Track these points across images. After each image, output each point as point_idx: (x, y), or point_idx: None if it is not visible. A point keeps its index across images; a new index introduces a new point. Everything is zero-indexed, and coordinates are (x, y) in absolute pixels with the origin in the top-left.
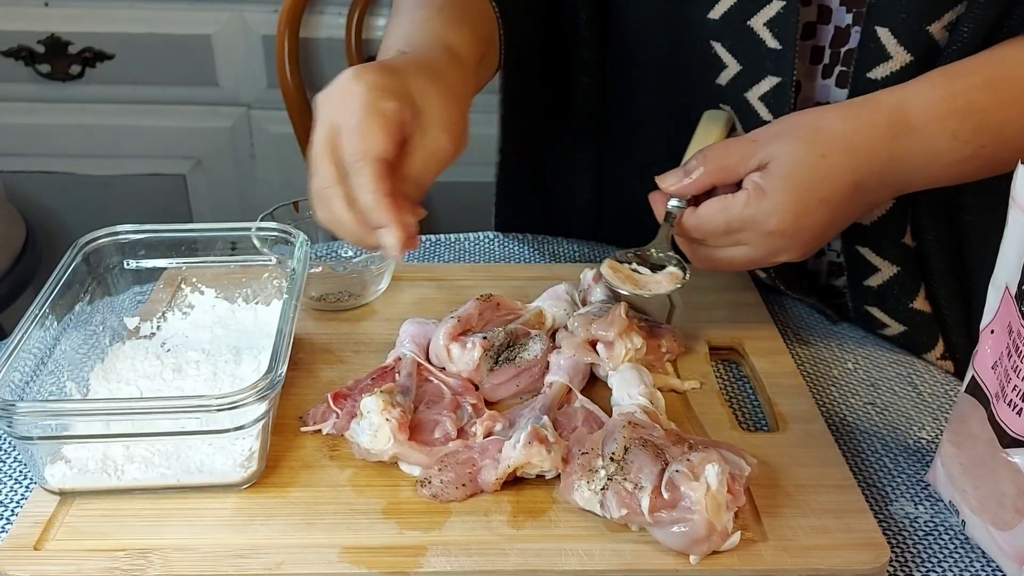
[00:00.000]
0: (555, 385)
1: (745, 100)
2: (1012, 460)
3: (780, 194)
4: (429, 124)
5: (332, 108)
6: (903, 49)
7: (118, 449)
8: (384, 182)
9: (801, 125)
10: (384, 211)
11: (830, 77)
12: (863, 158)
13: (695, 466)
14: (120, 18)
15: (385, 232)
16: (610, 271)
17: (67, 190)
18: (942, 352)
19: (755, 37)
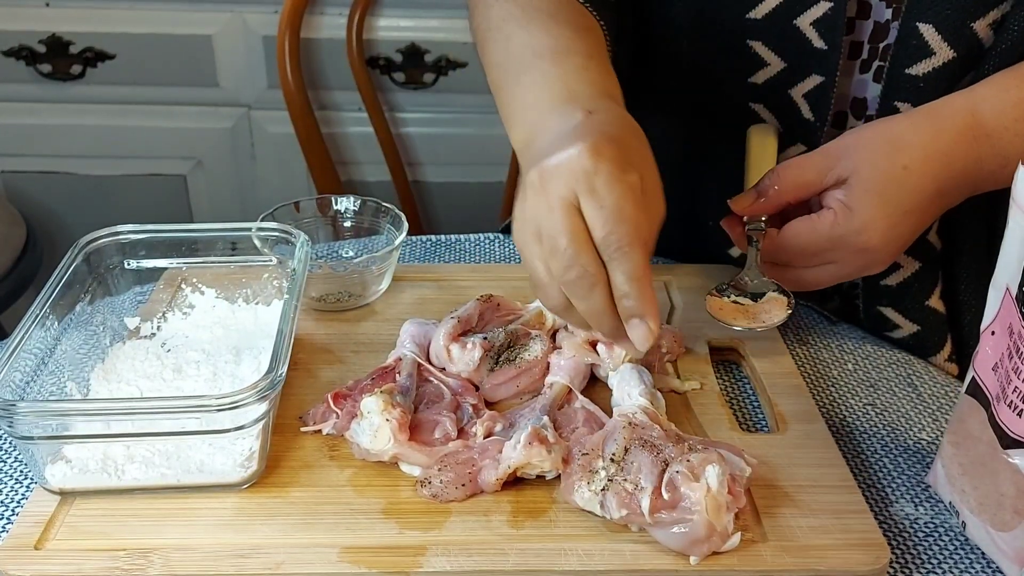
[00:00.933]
0: (555, 386)
1: (788, 97)
2: (1012, 461)
3: (868, 211)
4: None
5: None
6: (947, 45)
7: (118, 449)
8: (649, 269)
9: (877, 137)
10: (647, 301)
11: (868, 72)
12: (943, 166)
13: (695, 467)
14: (121, 18)
15: (640, 324)
16: (717, 309)
17: (67, 190)
18: (949, 354)
19: (801, 36)
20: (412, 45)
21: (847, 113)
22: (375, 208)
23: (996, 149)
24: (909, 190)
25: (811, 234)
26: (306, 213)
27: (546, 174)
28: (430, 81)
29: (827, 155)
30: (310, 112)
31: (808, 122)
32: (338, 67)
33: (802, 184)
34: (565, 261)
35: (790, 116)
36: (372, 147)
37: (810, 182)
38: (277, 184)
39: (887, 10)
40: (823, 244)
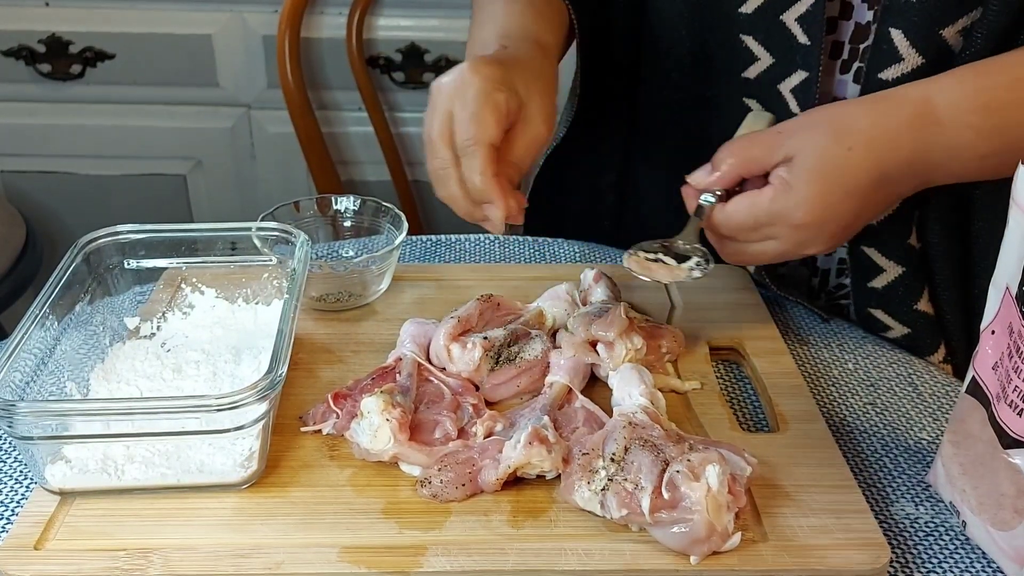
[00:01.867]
0: (555, 385)
1: (777, 92)
2: (1013, 461)
3: (806, 187)
4: (531, 115)
5: (449, 96)
6: (915, 51)
7: (118, 449)
8: (492, 164)
9: (826, 119)
10: (492, 190)
11: (848, 73)
12: (887, 151)
13: (695, 466)
14: (121, 18)
15: (490, 208)
16: (634, 261)
17: (67, 190)
18: (944, 355)
19: (787, 32)
20: (412, 45)
21: None
22: (375, 208)
23: (946, 138)
24: (851, 171)
25: (751, 208)
26: (306, 213)
27: (435, 86)
28: (430, 81)
29: (777, 133)
30: (310, 112)
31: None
32: (338, 67)
33: (751, 159)
34: (430, 153)
35: (779, 111)
36: (372, 147)
37: (758, 157)
38: (277, 184)
39: (868, 12)
40: (762, 219)
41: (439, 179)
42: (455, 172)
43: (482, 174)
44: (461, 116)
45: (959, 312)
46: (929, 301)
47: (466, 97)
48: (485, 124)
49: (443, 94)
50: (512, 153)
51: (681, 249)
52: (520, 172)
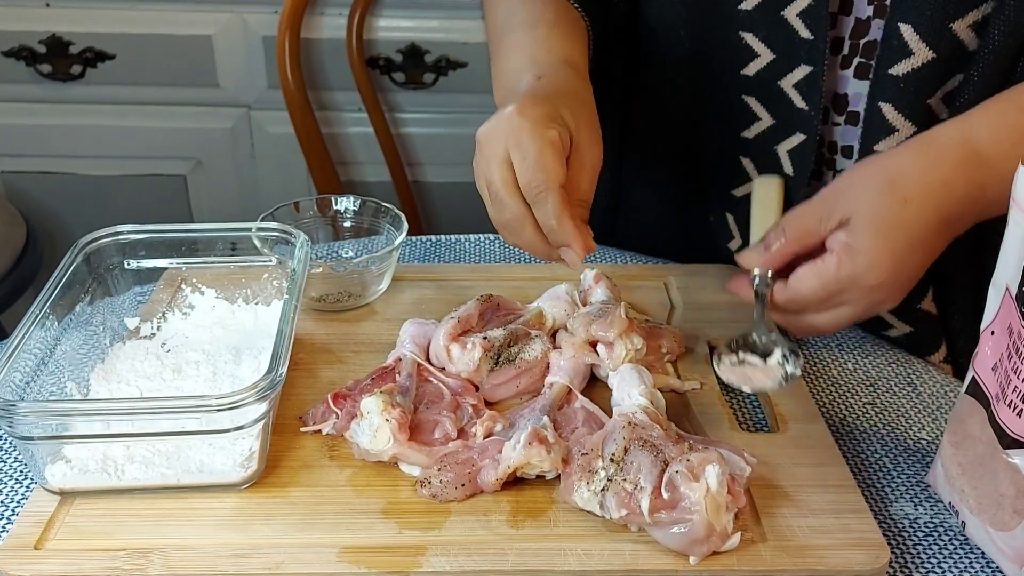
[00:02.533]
0: (555, 386)
1: (778, 88)
2: (1012, 461)
3: (873, 249)
4: (583, 144)
5: (503, 144)
6: (925, 46)
7: (118, 449)
8: (567, 207)
9: (872, 174)
10: (569, 234)
11: (849, 68)
12: (943, 195)
13: (695, 467)
14: (121, 18)
15: (568, 251)
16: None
17: (67, 190)
18: (944, 355)
19: (789, 27)
20: (412, 45)
21: (830, 108)
22: (375, 208)
23: (998, 174)
24: (911, 223)
25: (819, 278)
26: (306, 213)
27: (484, 134)
28: (430, 81)
29: (825, 199)
30: (310, 112)
31: (802, 111)
32: (338, 67)
33: (805, 232)
34: (498, 206)
35: (782, 107)
36: (372, 147)
37: (812, 229)
38: (277, 184)
39: (868, 7)
40: (832, 287)
41: (512, 230)
42: (530, 221)
43: (558, 219)
44: (522, 163)
45: (969, 316)
46: (933, 301)
47: (521, 142)
48: (550, 167)
49: (495, 141)
50: (578, 189)
51: (762, 345)
52: (587, 206)
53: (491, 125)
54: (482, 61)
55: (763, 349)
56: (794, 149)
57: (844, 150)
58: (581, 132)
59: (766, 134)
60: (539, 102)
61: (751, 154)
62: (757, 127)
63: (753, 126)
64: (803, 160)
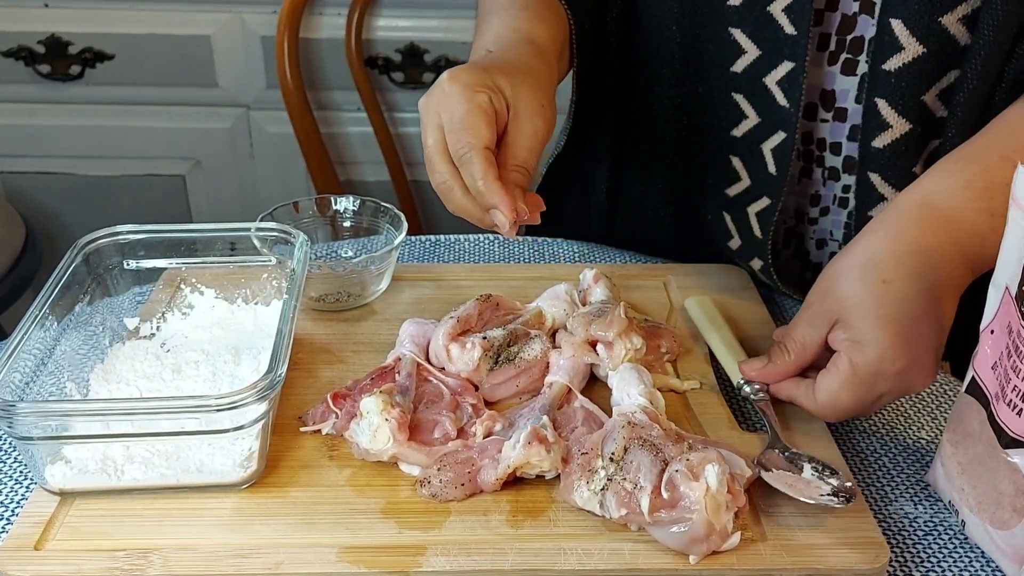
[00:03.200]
0: (555, 385)
1: (763, 85)
2: (1012, 460)
3: (876, 336)
4: (522, 112)
5: (435, 110)
6: (915, 40)
7: (118, 449)
8: (491, 167)
9: (847, 268)
10: (494, 194)
11: (836, 64)
12: (920, 264)
13: (695, 466)
14: (120, 19)
15: (496, 212)
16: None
17: (67, 190)
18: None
19: (774, 23)
20: (411, 45)
21: (817, 105)
22: (374, 208)
23: (966, 229)
24: (903, 299)
25: (843, 386)
26: (305, 213)
27: (423, 102)
28: (429, 81)
29: (810, 306)
30: (309, 112)
31: (783, 109)
32: (337, 67)
33: (804, 344)
34: (430, 169)
35: (766, 104)
36: (371, 147)
37: (810, 339)
38: (276, 184)
39: (854, 3)
40: (858, 390)
41: (444, 194)
42: (458, 183)
43: (483, 179)
44: (450, 126)
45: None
46: None
47: (451, 107)
48: (474, 128)
49: (430, 109)
50: (514, 155)
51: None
52: (527, 171)
53: (428, 93)
54: None
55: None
56: (776, 147)
57: (832, 147)
58: (520, 99)
59: (752, 132)
60: (473, 69)
61: (740, 153)
62: (744, 125)
63: (741, 124)
64: (783, 158)
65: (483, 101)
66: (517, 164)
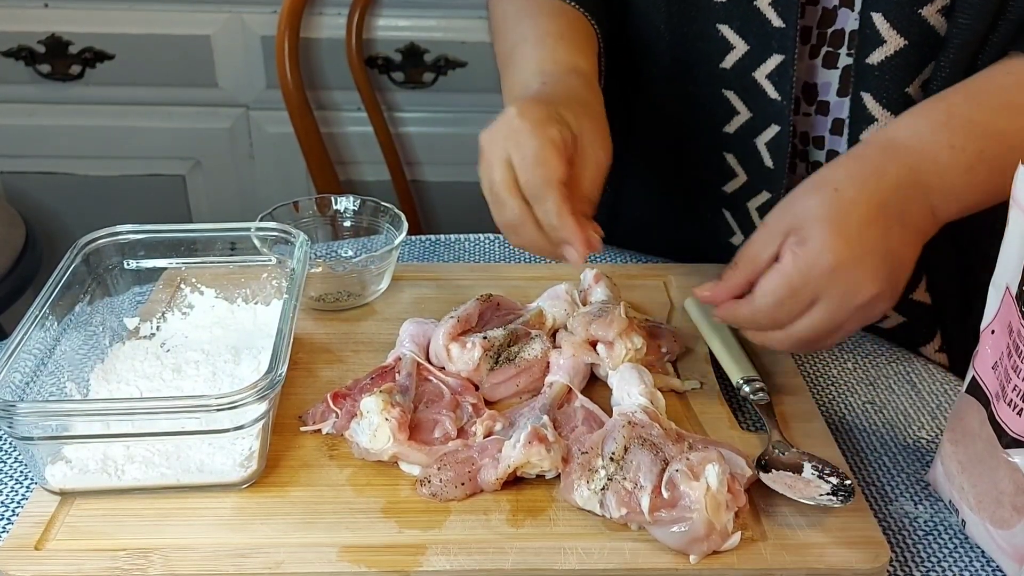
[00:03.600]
0: (555, 385)
1: (753, 80)
2: (1012, 460)
3: (820, 233)
4: (587, 145)
5: (503, 145)
6: (896, 33)
7: (118, 449)
8: (567, 203)
9: (803, 186)
10: (569, 229)
11: (817, 57)
12: (873, 181)
13: (695, 465)
14: (120, 19)
15: (569, 248)
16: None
17: (67, 191)
18: (939, 345)
19: (761, 16)
20: (411, 45)
21: (800, 99)
22: (374, 208)
23: (922, 159)
24: (851, 205)
25: (778, 279)
26: (305, 213)
27: (485, 137)
28: (429, 81)
29: (766, 224)
30: (309, 112)
31: (775, 102)
32: (337, 67)
33: (754, 256)
34: (499, 206)
35: (757, 99)
36: (371, 147)
37: (760, 251)
38: (276, 184)
39: None
40: (795, 283)
41: (513, 229)
42: (530, 219)
43: (559, 215)
44: (522, 162)
45: (957, 304)
46: (927, 291)
47: (521, 141)
48: (550, 163)
49: (495, 143)
50: (580, 187)
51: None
52: (592, 203)
53: (492, 128)
54: (481, 61)
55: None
56: (771, 141)
57: (815, 140)
58: (584, 132)
59: (745, 128)
60: (540, 104)
61: (733, 150)
62: (736, 121)
63: (732, 120)
64: (780, 151)
65: (555, 136)
66: (584, 196)
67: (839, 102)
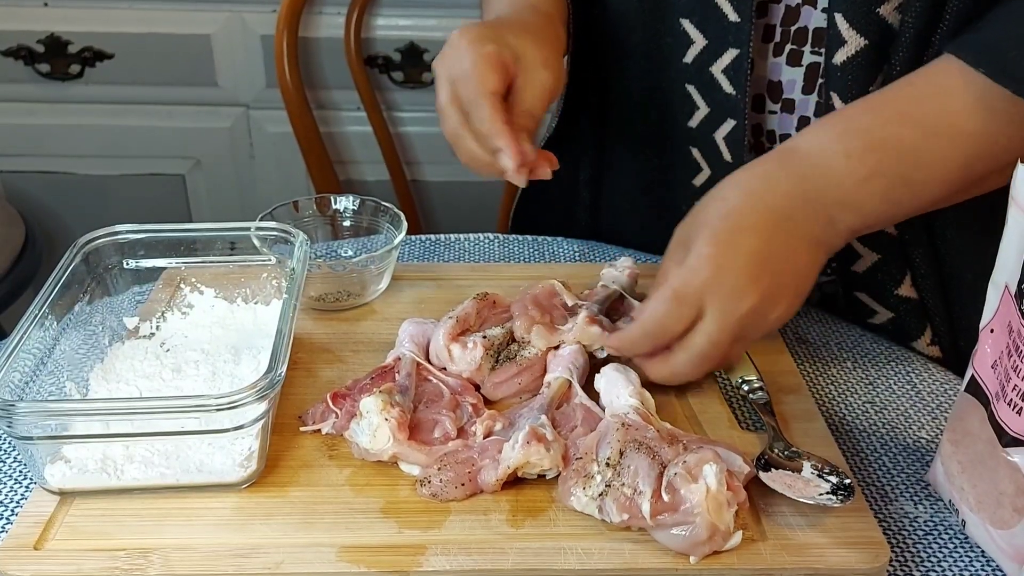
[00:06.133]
0: (554, 383)
1: (710, 74)
2: (1012, 459)
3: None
4: (529, 64)
5: (446, 65)
6: (855, 33)
7: (118, 449)
8: (499, 112)
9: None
10: (499, 135)
11: (781, 55)
12: (762, 186)
13: (692, 467)
14: (120, 18)
15: (502, 155)
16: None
17: (67, 190)
18: (930, 339)
19: (719, 12)
20: (411, 44)
21: (765, 96)
22: (374, 207)
23: (814, 166)
24: (731, 212)
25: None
26: (305, 212)
27: (436, 63)
28: (429, 80)
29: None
30: (308, 111)
31: (731, 96)
32: (336, 66)
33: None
34: (442, 120)
35: (714, 93)
36: (371, 146)
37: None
38: (276, 183)
39: None
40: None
41: (455, 142)
42: (467, 131)
43: (490, 122)
44: (459, 76)
45: (938, 297)
46: (912, 286)
47: (460, 58)
48: (483, 76)
49: (442, 65)
50: (522, 102)
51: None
52: (535, 119)
53: (440, 53)
54: None
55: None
56: (728, 135)
57: (782, 138)
58: (527, 52)
59: (705, 122)
60: (480, 26)
61: (697, 144)
62: (697, 116)
63: (695, 115)
64: (736, 146)
65: (489, 51)
66: (523, 110)
67: (804, 100)
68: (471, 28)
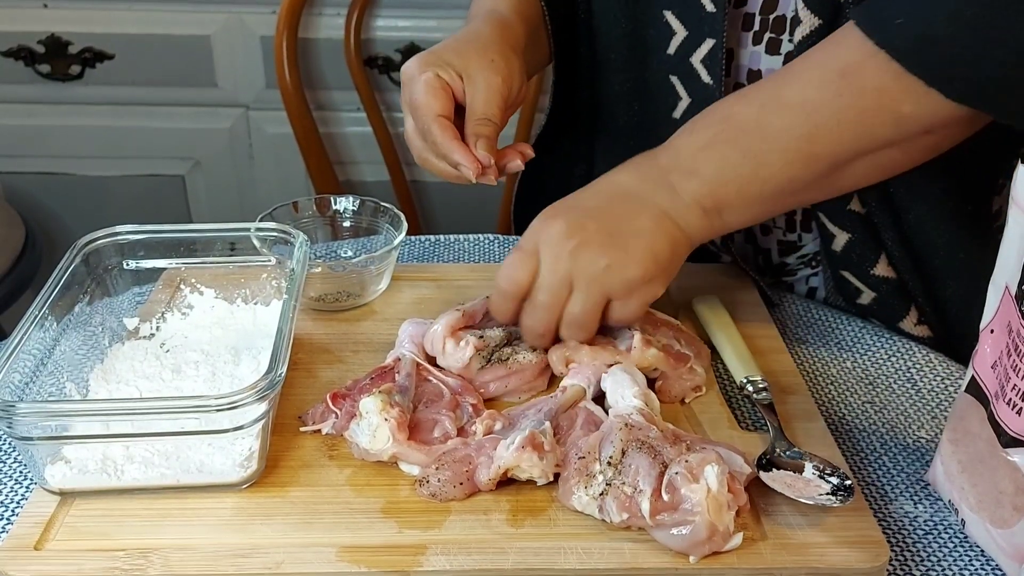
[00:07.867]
0: (570, 389)
1: (690, 64)
2: (1011, 459)
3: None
4: (473, 73)
5: (404, 98)
6: (810, 13)
7: (118, 449)
8: (448, 130)
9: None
10: (454, 152)
11: (760, 44)
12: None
13: (694, 467)
14: (120, 19)
15: (462, 167)
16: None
17: (67, 191)
18: (917, 319)
19: (697, 2)
20: (411, 45)
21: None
22: (374, 208)
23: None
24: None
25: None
26: (304, 213)
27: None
28: None
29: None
30: (308, 112)
31: (708, 86)
32: (336, 67)
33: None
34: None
35: (694, 83)
36: (370, 147)
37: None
38: (275, 184)
39: None
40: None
41: (424, 166)
42: (430, 154)
43: (441, 141)
44: (413, 107)
45: (916, 276)
46: (889, 265)
47: (410, 90)
48: (427, 103)
49: (402, 99)
50: (475, 112)
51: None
52: (489, 121)
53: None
54: None
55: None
56: None
57: None
58: (470, 63)
59: (687, 113)
60: (425, 55)
61: None
62: (680, 107)
63: (678, 106)
64: None
65: (428, 77)
66: (477, 118)
67: None
68: (416, 58)
